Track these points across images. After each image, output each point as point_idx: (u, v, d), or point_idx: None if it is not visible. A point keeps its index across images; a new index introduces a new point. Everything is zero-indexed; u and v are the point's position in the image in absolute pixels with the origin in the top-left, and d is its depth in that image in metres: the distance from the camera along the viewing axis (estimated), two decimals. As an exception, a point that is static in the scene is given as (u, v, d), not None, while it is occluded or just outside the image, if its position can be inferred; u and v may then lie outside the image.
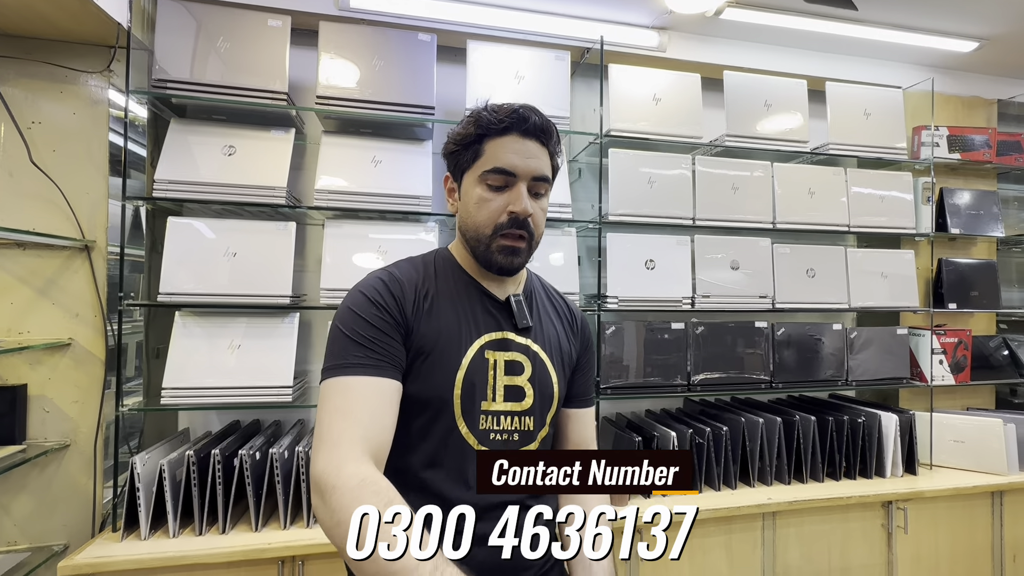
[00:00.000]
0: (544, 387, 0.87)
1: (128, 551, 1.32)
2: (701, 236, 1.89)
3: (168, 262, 1.50)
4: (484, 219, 0.81)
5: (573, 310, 0.98)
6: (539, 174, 0.82)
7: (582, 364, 0.95)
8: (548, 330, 0.91)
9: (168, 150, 1.54)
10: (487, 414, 0.82)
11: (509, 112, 0.81)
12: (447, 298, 0.85)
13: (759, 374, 1.92)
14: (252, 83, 1.56)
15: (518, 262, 0.83)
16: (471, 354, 0.82)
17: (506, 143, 0.80)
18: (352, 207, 1.62)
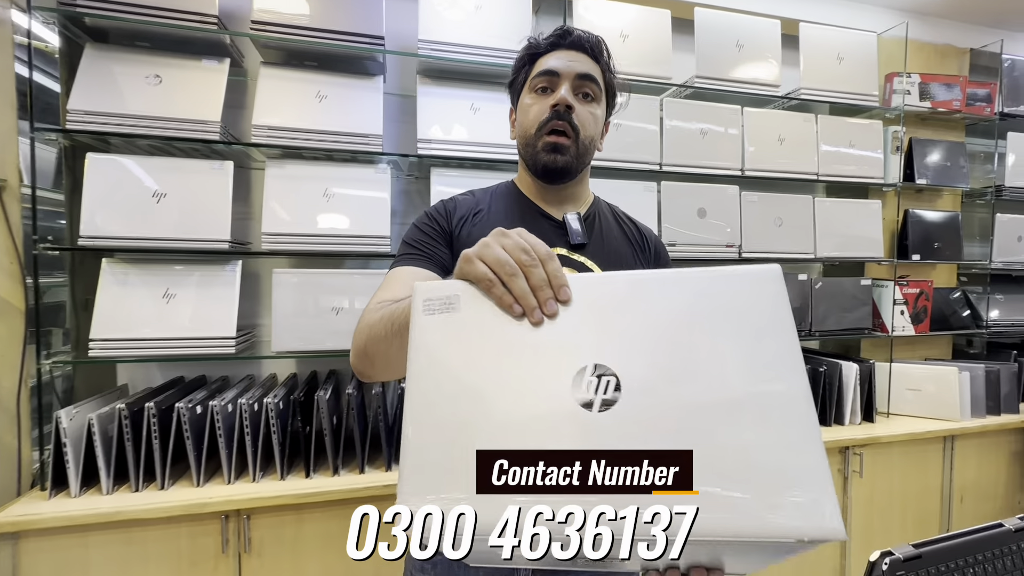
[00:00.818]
0: None
1: (56, 508, 1.24)
2: (668, 183, 1.83)
3: (88, 203, 1.37)
4: (530, 120, 0.84)
5: (644, 233, 0.95)
6: (583, 72, 0.84)
7: None
8: (609, 248, 0.88)
9: (83, 77, 1.39)
10: None
11: (554, 31, 0.87)
12: (499, 215, 0.87)
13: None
14: (175, 3, 1.40)
15: (562, 160, 0.83)
16: None
17: (552, 55, 0.86)
18: (295, 145, 1.50)
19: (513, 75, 0.91)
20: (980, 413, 2.06)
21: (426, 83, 1.66)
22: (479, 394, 0.50)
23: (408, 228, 0.88)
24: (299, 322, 1.52)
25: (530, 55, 0.88)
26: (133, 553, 1.27)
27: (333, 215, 1.53)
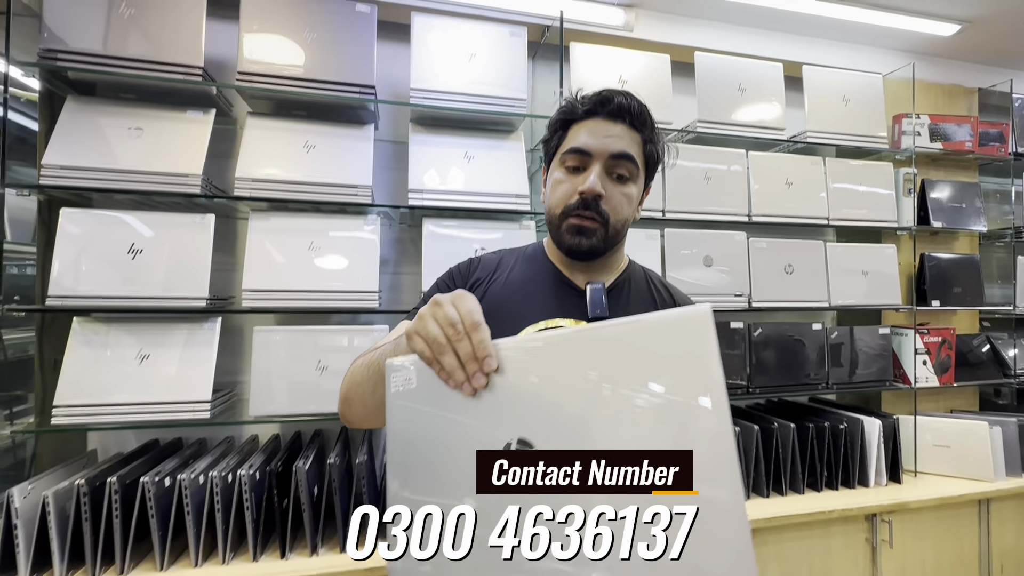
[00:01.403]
0: None
1: (0, 601, 1.12)
2: (672, 230, 1.75)
3: (60, 260, 1.30)
4: (556, 200, 0.80)
5: (679, 302, 0.86)
6: (617, 151, 0.77)
7: None
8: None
9: (61, 131, 1.34)
10: None
11: (594, 95, 0.79)
12: (520, 280, 0.85)
13: (735, 378, 1.78)
14: (161, 56, 1.36)
15: (587, 243, 0.78)
16: (526, 330, 0.79)
17: (588, 125, 0.79)
18: (280, 197, 1.43)
19: (548, 135, 0.85)
20: (1015, 471, 1.91)
21: (419, 131, 1.61)
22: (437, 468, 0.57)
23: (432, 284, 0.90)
24: (281, 383, 1.42)
25: (563, 121, 0.82)
26: (84, 651, 1.14)
27: (319, 269, 1.45)
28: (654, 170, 0.85)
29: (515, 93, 1.60)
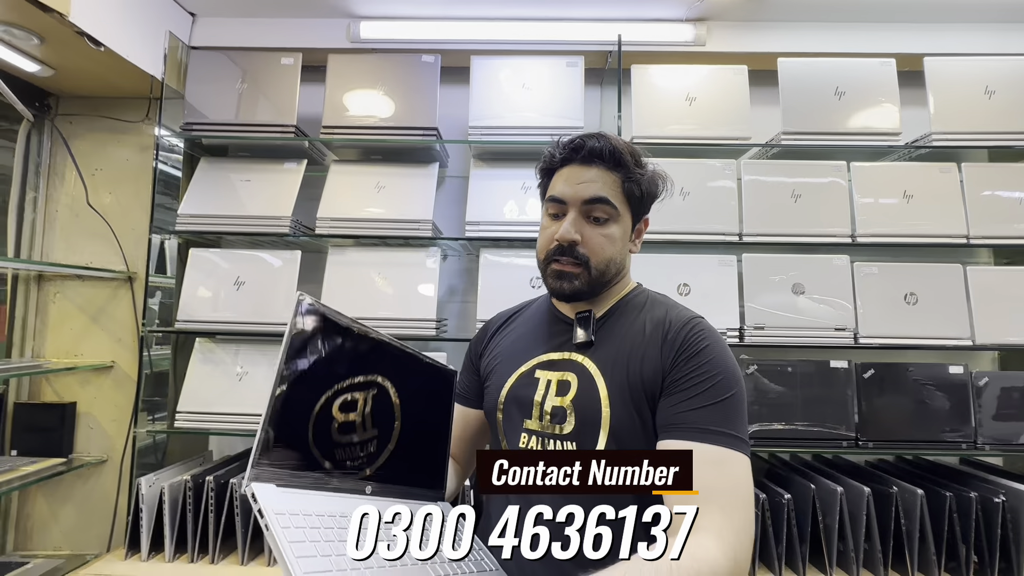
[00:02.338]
0: (586, 410, 0.76)
1: (125, 570, 1.36)
2: (751, 255, 1.57)
3: (186, 291, 1.59)
4: (541, 246, 0.83)
5: (672, 323, 0.78)
6: (590, 197, 0.78)
7: (675, 381, 0.73)
8: (616, 347, 0.79)
9: (194, 186, 1.65)
10: (530, 433, 0.80)
11: (568, 142, 0.82)
12: (522, 325, 0.92)
13: (838, 427, 1.51)
14: (265, 119, 1.62)
15: (569, 287, 0.80)
16: (519, 373, 0.84)
17: (564, 173, 0.82)
18: (352, 234, 1.59)
19: (538, 179, 0.88)
20: None
21: (479, 166, 1.69)
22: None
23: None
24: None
25: (545, 170, 0.85)
26: (177, 626, 1.33)
27: (384, 299, 1.57)
28: (645, 203, 0.84)
29: (571, 122, 1.60)
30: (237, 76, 1.65)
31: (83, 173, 1.73)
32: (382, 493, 0.73)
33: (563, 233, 0.78)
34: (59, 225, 1.74)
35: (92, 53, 1.44)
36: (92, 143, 1.76)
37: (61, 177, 1.76)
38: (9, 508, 1.65)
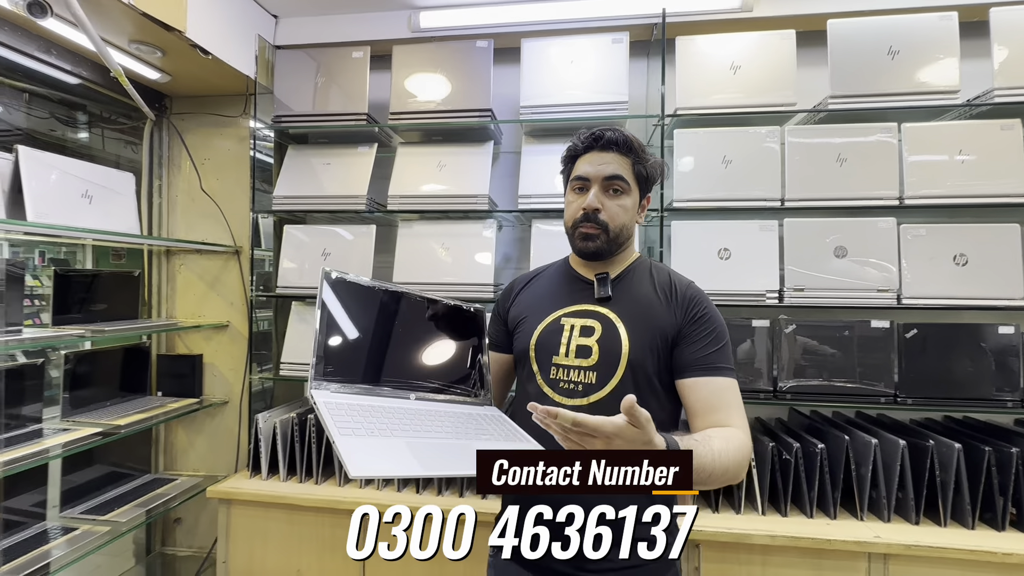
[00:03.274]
0: (609, 347, 0.97)
1: (251, 487, 1.70)
2: (793, 220, 1.62)
3: (283, 261, 1.88)
4: (569, 216, 1.04)
5: (676, 285, 1.02)
6: (609, 174, 0.99)
7: (690, 334, 0.96)
8: (632, 300, 1.01)
9: (285, 171, 1.92)
10: (558, 367, 0.99)
11: (588, 135, 1.02)
12: (544, 283, 1.12)
13: (877, 384, 1.57)
14: (340, 108, 1.84)
15: (592, 246, 1.00)
16: (548, 321, 1.03)
17: (587, 158, 1.01)
18: (419, 209, 1.80)
19: (562, 166, 1.09)
20: None
21: (531, 142, 1.82)
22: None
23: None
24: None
25: (570, 156, 1.05)
26: (293, 531, 1.66)
27: (447, 267, 1.78)
28: (649, 183, 1.04)
29: (616, 97, 1.69)
30: (315, 71, 1.87)
31: (195, 163, 2.04)
32: (426, 398, 0.96)
33: (589, 202, 0.98)
34: (179, 208, 2.08)
35: (201, 60, 1.70)
36: (200, 136, 2.06)
37: (178, 167, 2.08)
38: (158, 437, 2.06)
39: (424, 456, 0.75)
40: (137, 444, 1.95)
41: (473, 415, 0.94)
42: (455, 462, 0.78)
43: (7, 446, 1.39)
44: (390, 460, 0.72)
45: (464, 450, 0.80)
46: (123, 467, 1.90)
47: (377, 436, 0.76)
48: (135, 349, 1.95)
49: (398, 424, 0.81)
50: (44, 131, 2.02)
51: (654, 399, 0.97)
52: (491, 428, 0.91)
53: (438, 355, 1.01)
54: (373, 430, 0.77)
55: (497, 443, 0.86)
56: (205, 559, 1.96)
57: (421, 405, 0.93)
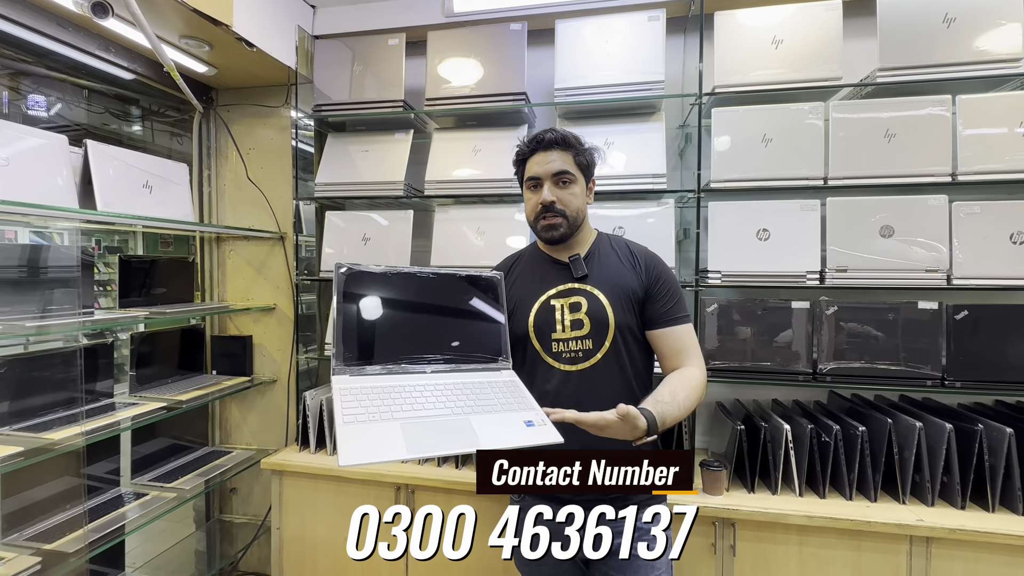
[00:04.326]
0: (598, 317, 1.13)
1: (300, 459, 1.80)
2: (836, 199, 1.58)
3: (325, 246, 1.95)
4: (530, 210, 1.20)
5: (635, 253, 1.21)
6: (557, 170, 1.15)
7: (654, 293, 1.16)
8: (606, 274, 1.17)
9: (325, 159, 1.98)
10: (557, 341, 1.15)
11: (531, 139, 1.19)
12: (526, 270, 1.24)
13: (923, 367, 1.53)
14: (377, 96, 1.88)
15: (557, 234, 1.16)
16: (538, 304, 1.17)
17: (535, 159, 1.17)
18: (454, 194, 1.83)
19: (515, 168, 1.24)
20: None
21: (565, 124, 1.82)
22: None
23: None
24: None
25: (519, 160, 1.21)
26: (341, 501, 1.75)
27: (482, 250, 1.81)
28: (590, 169, 1.21)
29: (652, 76, 1.67)
30: (352, 59, 1.91)
31: (241, 153, 2.13)
32: (443, 370, 1.02)
33: (544, 197, 1.14)
34: (227, 196, 2.17)
35: (246, 53, 1.76)
36: (245, 127, 2.15)
37: (225, 157, 2.17)
38: (214, 413, 2.19)
39: (414, 438, 0.81)
40: (195, 419, 2.09)
41: (486, 383, 0.99)
42: (443, 442, 0.83)
43: (87, 417, 1.52)
44: (379, 446, 0.78)
45: (458, 428, 0.86)
46: (183, 440, 2.04)
47: (377, 421, 0.82)
48: (191, 331, 2.07)
49: (403, 404, 0.88)
50: (99, 126, 2.15)
51: (637, 349, 1.16)
52: (499, 397, 0.96)
53: (454, 327, 1.07)
54: (375, 414, 0.84)
55: (496, 415, 0.91)
56: (260, 525, 2.10)
57: (435, 379, 0.98)
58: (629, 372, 1.14)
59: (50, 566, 1.30)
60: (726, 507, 1.45)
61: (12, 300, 1.39)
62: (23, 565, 1.25)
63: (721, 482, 1.52)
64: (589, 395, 1.10)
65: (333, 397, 0.86)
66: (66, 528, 1.43)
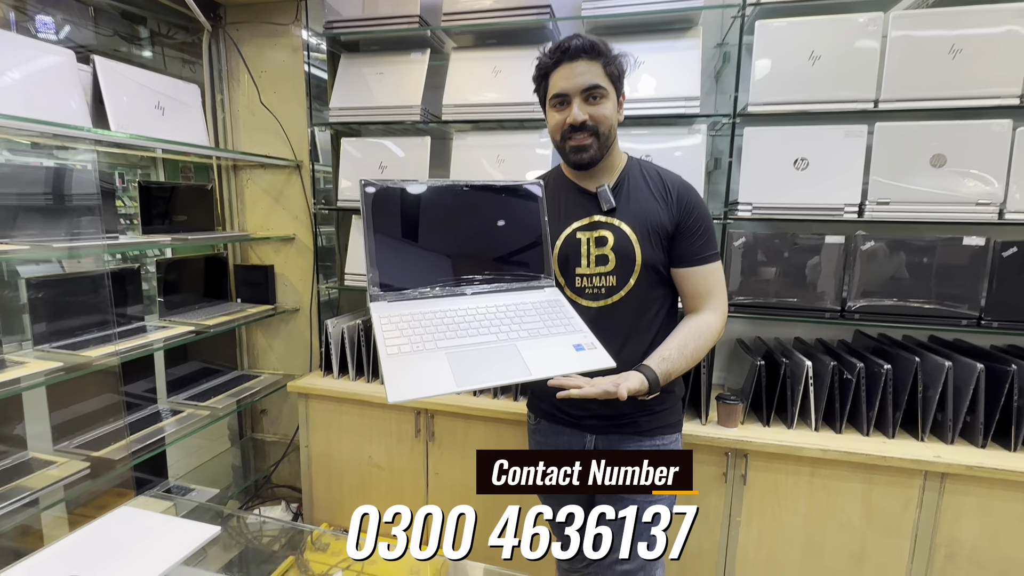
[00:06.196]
0: (625, 253, 1.07)
1: (324, 384, 1.87)
2: (886, 124, 1.45)
3: (341, 177, 1.91)
4: (554, 131, 1.09)
5: (668, 184, 1.10)
6: (587, 86, 1.02)
7: (684, 229, 1.08)
8: (635, 207, 1.09)
9: (339, 83, 1.89)
10: (581, 276, 1.09)
11: (555, 49, 1.05)
12: (551, 199, 1.14)
13: (959, 306, 1.46)
14: (390, 11, 1.76)
15: (587, 157, 1.06)
16: (563, 237, 1.11)
17: (560, 72, 1.04)
18: (473, 119, 1.75)
19: (535, 85, 1.12)
20: None
21: (592, 42, 1.68)
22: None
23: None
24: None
25: (541, 73, 1.08)
26: (363, 423, 1.83)
27: (504, 179, 1.75)
28: (621, 80, 1.08)
29: (690, -15, 1.51)
30: (365, -31, 1.77)
31: (253, 75, 2.05)
32: (484, 291, 0.98)
33: (575, 117, 1.02)
34: (241, 122, 2.12)
35: (251, -38, 1.65)
36: (255, 48, 2.05)
37: (237, 81, 2.10)
38: (241, 339, 2.27)
39: (462, 369, 0.79)
40: (225, 345, 2.17)
41: (529, 304, 0.96)
42: (492, 372, 0.80)
43: (120, 338, 1.58)
44: (426, 380, 0.77)
45: (506, 355, 0.84)
46: (214, 364, 2.13)
47: (421, 351, 0.80)
48: (215, 259, 2.10)
49: (446, 331, 0.85)
50: (108, 50, 2.07)
51: (662, 287, 1.11)
52: (545, 319, 0.92)
53: (493, 243, 1.01)
54: (419, 344, 0.81)
55: (544, 339, 0.88)
56: (290, 444, 2.22)
57: (476, 301, 0.94)
58: (652, 310, 1.10)
59: (99, 470, 1.40)
60: (740, 439, 1.47)
61: (39, 223, 1.41)
62: (74, 468, 1.34)
63: (736, 415, 1.52)
64: (610, 332, 1.05)
65: (374, 326, 0.85)
66: (110, 439, 1.54)
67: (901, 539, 1.42)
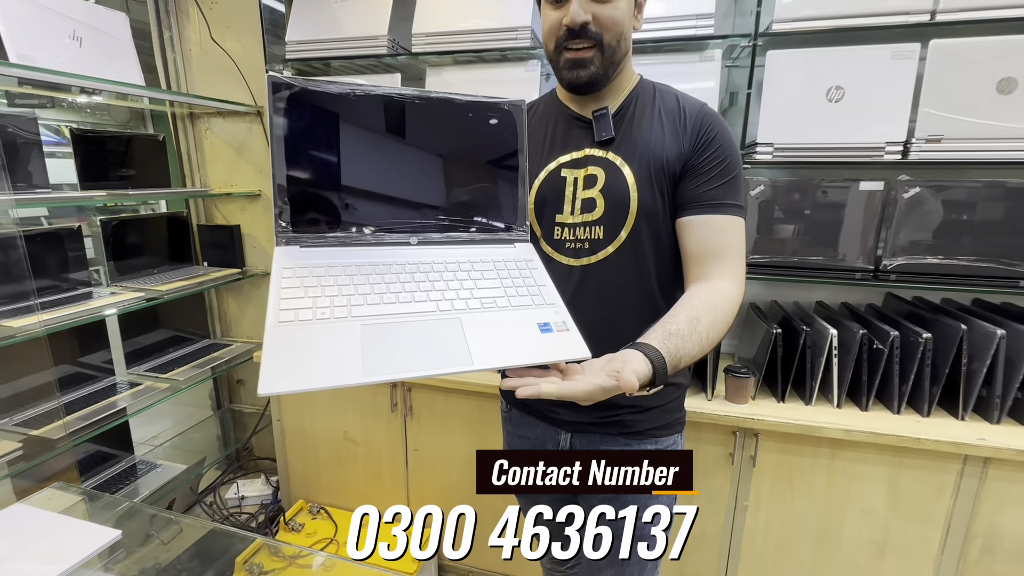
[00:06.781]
0: (616, 196, 0.83)
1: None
2: (943, 40, 1.19)
3: (304, 121, 1.69)
4: (547, 35, 0.82)
5: (685, 109, 0.84)
6: None
7: (696, 165, 0.81)
8: (639, 138, 0.84)
9: (295, 13, 1.64)
10: (561, 226, 0.86)
11: None
12: (536, 126, 0.91)
13: (1016, 264, 1.24)
14: (349, -81, 1.49)
15: (586, 75, 0.80)
16: (545, 174, 0.87)
17: None
18: (449, 50, 1.50)
19: None
20: None
21: (586, -48, 1.41)
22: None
23: None
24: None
25: None
26: (336, 395, 1.68)
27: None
28: None
29: None
30: None
31: (201, 7, 1.80)
32: (434, 241, 0.72)
33: (573, 16, 0.76)
34: (194, 62, 1.89)
35: None
36: (204, -26, 1.80)
37: (187, 15, 1.85)
38: (211, 306, 2.11)
39: (376, 352, 0.56)
40: (195, 312, 2.02)
41: (491, 262, 0.72)
42: (418, 358, 0.58)
43: (56, 306, 1.42)
44: (322, 365, 0.54)
45: (443, 334, 0.60)
46: (184, 332, 1.99)
47: (327, 319, 0.57)
48: (176, 219, 1.92)
49: (371, 291, 0.62)
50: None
51: (665, 242, 0.85)
52: (507, 286, 0.69)
53: (452, 178, 0.74)
54: (325, 311, 0.58)
55: (500, 313, 0.65)
56: (260, 418, 2.10)
57: (421, 254, 0.70)
58: (650, 273, 0.84)
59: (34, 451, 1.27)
60: (750, 416, 1.29)
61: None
62: (3, 450, 1.21)
63: (746, 390, 1.34)
64: (592, 300, 0.84)
65: (271, 281, 0.65)
66: (53, 416, 1.40)
67: (932, 528, 1.25)
